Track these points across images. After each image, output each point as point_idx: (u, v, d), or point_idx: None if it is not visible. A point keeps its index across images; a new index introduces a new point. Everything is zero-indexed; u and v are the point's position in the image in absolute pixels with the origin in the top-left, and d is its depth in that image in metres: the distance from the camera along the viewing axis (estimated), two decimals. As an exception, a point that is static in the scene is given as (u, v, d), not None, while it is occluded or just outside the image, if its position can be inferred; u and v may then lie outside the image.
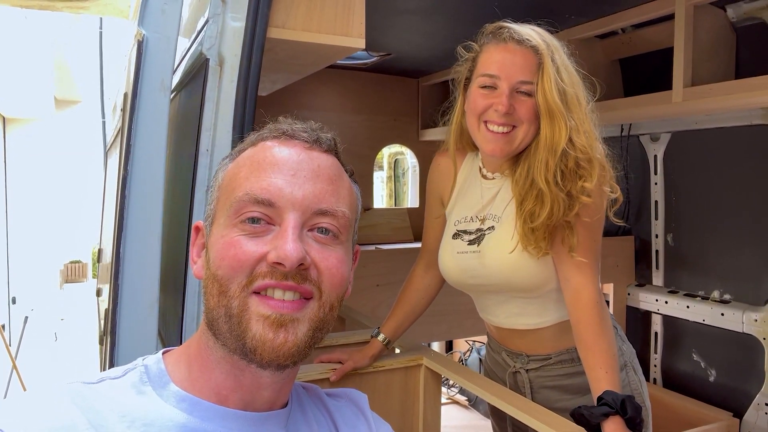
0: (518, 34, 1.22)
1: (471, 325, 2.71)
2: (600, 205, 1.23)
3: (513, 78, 1.21)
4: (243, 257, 0.67)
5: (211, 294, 0.69)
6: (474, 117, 1.27)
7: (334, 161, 0.76)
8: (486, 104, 1.23)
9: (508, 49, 1.22)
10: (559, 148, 1.17)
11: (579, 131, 1.18)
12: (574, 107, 1.20)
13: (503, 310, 1.40)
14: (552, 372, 1.39)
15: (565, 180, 1.18)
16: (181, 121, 1.45)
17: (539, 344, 1.39)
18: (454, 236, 1.39)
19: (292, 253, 0.66)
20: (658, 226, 2.55)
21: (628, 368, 1.38)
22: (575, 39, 2.19)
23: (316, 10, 1.21)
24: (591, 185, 1.17)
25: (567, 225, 1.21)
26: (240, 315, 0.67)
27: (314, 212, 0.70)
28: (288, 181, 0.69)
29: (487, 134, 1.25)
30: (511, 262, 1.28)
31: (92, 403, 0.64)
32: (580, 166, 1.18)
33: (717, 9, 1.89)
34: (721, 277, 2.31)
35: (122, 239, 1.07)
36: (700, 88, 1.73)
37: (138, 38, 1.05)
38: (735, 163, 2.22)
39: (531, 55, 1.21)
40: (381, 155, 6.11)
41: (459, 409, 3.44)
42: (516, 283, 1.31)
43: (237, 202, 0.69)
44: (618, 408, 1.04)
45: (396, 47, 2.57)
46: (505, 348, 1.46)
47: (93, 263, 10.97)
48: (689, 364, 2.43)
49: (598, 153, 1.21)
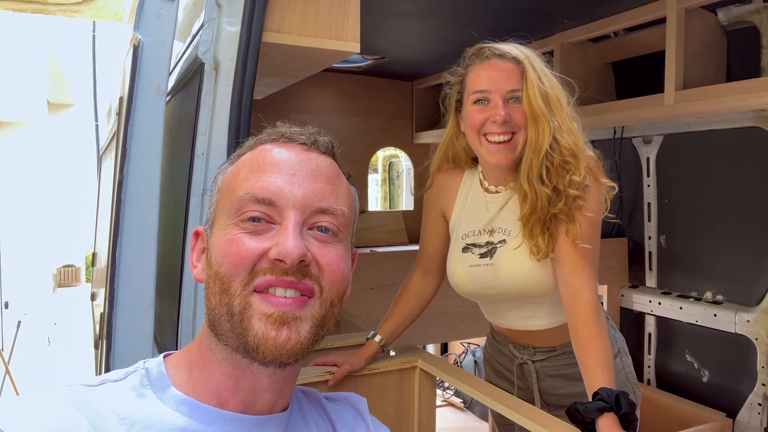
0: (498, 50, 1.32)
1: (466, 328, 2.72)
2: (600, 198, 1.31)
3: (503, 89, 1.29)
4: (245, 254, 0.68)
5: (212, 293, 0.70)
6: (474, 132, 1.33)
7: (332, 163, 0.77)
8: (483, 118, 1.30)
9: (492, 65, 1.31)
10: (543, 148, 1.25)
11: (562, 130, 1.26)
12: (556, 109, 1.28)
13: (515, 314, 1.47)
14: (557, 362, 1.47)
15: (551, 176, 1.26)
16: (177, 125, 1.45)
17: (547, 339, 1.47)
18: (463, 250, 1.44)
19: (293, 250, 0.66)
20: (651, 228, 2.56)
21: (621, 354, 1.48)
22: (568, 42, 2.21)
23: (311, 15, 1.22)
24: (578, 178, 1.25)
25: (568, 218, 1.27)
26: (242, 313, 0.67)
27: (314, 210, 0.71)
28: (288, 180, 0.70)
29: (489, 146, 1.31)
30: (525, 273, 1.35)
31: (93, 405, 0.65)
32: (566, 161, 1.26)
33: (708, 13, 1.91)
34: (713, 278, 2.33)
35: (118, 243, 1.07)
36: (691, 91, 1.74)
37: (134, 42, 1.05)
38: (727, 165, 2.24)
39: (513, 66, 1.30)
40: (375, 158, 6.12)
41: (454, 411, 3.45)
42: (529, 291, 1.38)
43: (237, 201, 0.70)
44: (612, 403, 1.06)
45: (390, 50, 2.58)
46: (513, 341, 1.53)
47: (86, 267, 10.92)
48: (683, 364, 2.44)
49: (586, 152, 1.29)
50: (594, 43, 2.30)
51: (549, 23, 2.14)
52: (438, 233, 1.53)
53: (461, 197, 1.49)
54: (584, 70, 2.29)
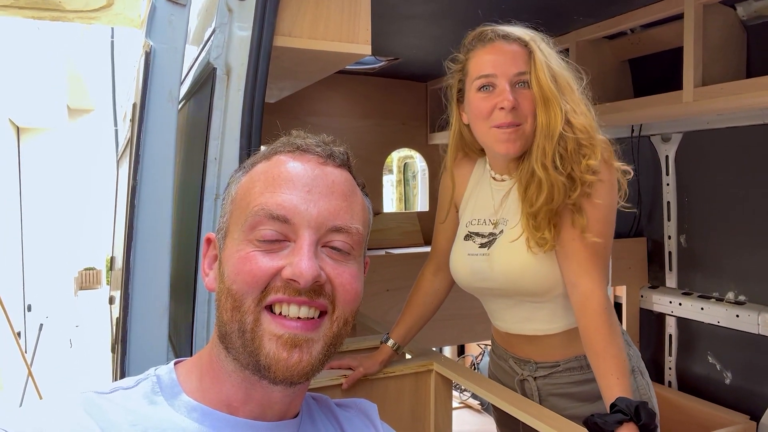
0: (502, 31, 1.24)
1: (482, 329, 2.70)
2: (611, 184, 1.22)
3: (509, 72, 1.21)
4: (258, 272, 0.67)
5: (224, 308, 0.70)
6: (480, 121, 1.26)
7: (347, 176, 0.76)
8: (490, 105, 1.23)
9: (496, 47, 1.24)
10: (556, 132, 1.18)
11: (576, 113, 1.19)
12: (567, 91, 1.20)
13: (512, 315, 1.39)
14: (561, 380, 1.37)
15: (565, 162, 1.18)
16: (190, 130, 1.46)
17: (548, 351, 1.37)
18: (465, 237, 1.39)
19: (308, 271, 0.66)
20: (671, 228, 2.52)
21: (636, 373, 1.36)
22: (584, 40, 2.18)
23: (322, 18, 1.21)
24: (595, 162, 1.17)
25: (575, 208, 1.20)
26: (253, 331, 0.67)
27: (329, 229, 0.70)
28: (303, 198, 0.69)
29: (498, 134, 1.23)
30: (518, 265, 1.27)
31: (105, 412, 0.65)
32: (581, 145, 1.18)
33: (727, 8, 1.87)
34: (735, 279, 2.28)
35: (132, 248, 1.08)
36: (710, 88, 1.71)
37: (146, 49, 1.06)
38: (748, 162, 2.20)
39: (519, 47, 1.22)
40: (390, 159, 6.11)
41: (472, 414, 3.42)
42: (523, 287, 1.30)
43: (252, 216, 0.69)
44: (632, 415, 1.03)
45: (403, 52, 2.58)
46: (513, 355, 1.44)
47: (106, 270, 11.06)
48: (704, 366, 2.40)
49: (597, 135, 1.21)
50: (610, 40, 2.26)
51: (564, 21, 2.11)
52: (450, 224, 1.47)
53: (471, 185, 1.44)
54: (600, 68, 2.26)
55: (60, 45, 7.37)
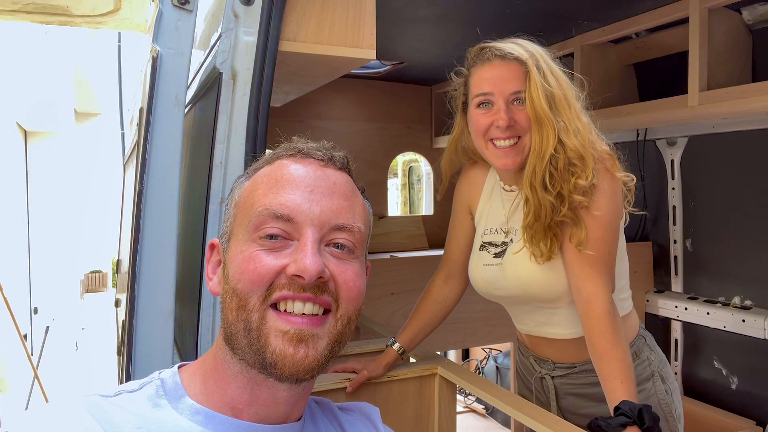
0: (500, 50, 1.27)
1: (486, 333, 2.70)
2: (614, 193, 1.24)
3: (505, 91, 1.25)
4: (262, 271, 0.68)
5: (229, 309, 0.70)
6: (479, 136, 1.30)
7: (348, 179, 0.77)
8: (487, 122, 1.27)
9: (493, 66, 1.27)
10: (547, 153, 1.21)
11: (569, 131, 1.21)
12: (562, 109, 1.22)
13: (531, 319, 1.43)
14: (577, 380, 1.41)
15: (555, 181, 1.21)
16: (196, 134, 1.47)
17: (565, 353, 1.42)
18: (481, 248, 1.43)
19: (312, 266, 0.67)
20: (677, 232, 2.51)
21: (655, 377, 1.38)
22: (588, 45, 2.18)
23: (327, 23, 1.22)
24: (585, 182, 1.19)
25: (573, 221, 1.23)
26: (259, 329, 0.68)
27: (332, 227, 0.71)
28: (306, 197, 0.71)
29: (495, 151, 1.28)
30: (525, 275, 1.32)
31: (109, 414, 0.66)
32: (571, 164, 1.21)
33: (732, 12, 1.87)
34: (741, 283, 2.27)
35: (138, 251, 1.08)
36: (716, 92, 1.71)
37: (152, 54, 1.06)
38: (754, 166, 2.19)
39: (516, 66, 1.25)
40: (395, 162, 6.12)
41: (476, 418, 3.41)
42: (535, 295, 1.34)
43: (256, 216, 0.71)
44: (635, 418, 1.03)
45: (408, 55, 2.58)
46: (533, 353, 1.50)
47: (113, 273, 11.11)
48: (710, 371, 2.39)
49: (597, 146, 1.24)
50: (615, 44, 2.27)
51: (569, 26, 2.12)
52: (464, 231, 1.50)
53: (486, 192, 1.47)
54: (606, 72, 2.25)
55: (67, 49, 7.43)
